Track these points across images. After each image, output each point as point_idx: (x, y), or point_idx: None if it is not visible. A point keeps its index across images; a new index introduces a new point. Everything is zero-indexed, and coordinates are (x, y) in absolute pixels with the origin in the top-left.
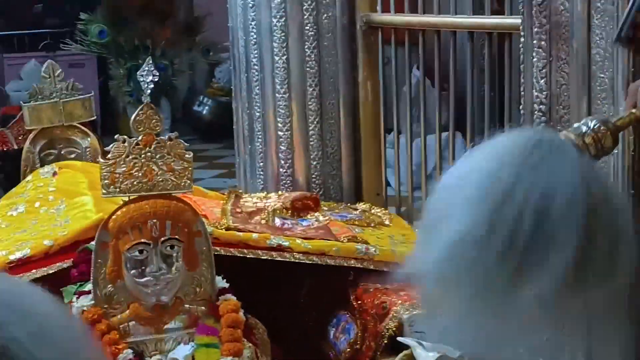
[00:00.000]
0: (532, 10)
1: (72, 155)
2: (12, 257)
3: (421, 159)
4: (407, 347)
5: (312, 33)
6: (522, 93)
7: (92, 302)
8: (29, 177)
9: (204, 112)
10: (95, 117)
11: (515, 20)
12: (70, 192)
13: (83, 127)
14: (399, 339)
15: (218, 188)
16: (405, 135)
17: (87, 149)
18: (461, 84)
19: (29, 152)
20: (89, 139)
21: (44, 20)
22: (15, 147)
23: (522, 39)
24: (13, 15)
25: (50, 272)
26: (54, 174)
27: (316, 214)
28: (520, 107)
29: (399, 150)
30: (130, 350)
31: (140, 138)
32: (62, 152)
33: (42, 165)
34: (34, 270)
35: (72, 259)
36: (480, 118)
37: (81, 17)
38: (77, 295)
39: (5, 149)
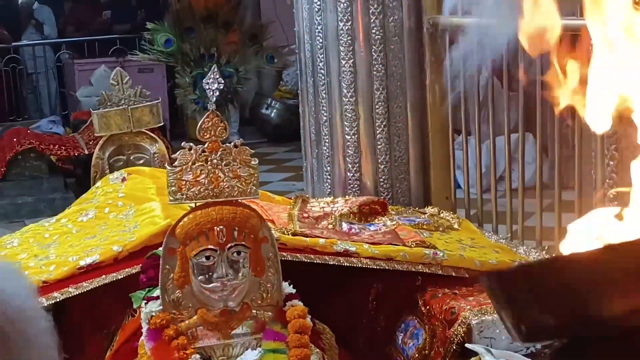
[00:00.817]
0: None
1: (141, 161)
2: (82, 263)
3: (490, 161)
4: (476, 353)
5: (379, 36)
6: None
7: (161, 307)
8: (98, 183)
9: (272, 114)
10: (163, 123)
11: (581, 21)
12: (138, 198)
13: (151, 133)
14: (468, 345)
15: (286, 191)
16: (474, 137)
17: (155, 155)
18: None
19: (98, 158)
20: (157, 144)
21: (112, 27)
22: (86, 152)
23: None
24: (83, 22)
25: (119, 277)
26: (123, 179)
27: (384, 218)
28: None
29: (467, 152)
30: (198, 356)
31: (206, 145)
32: (131, 158)
33: (111, 171)
34: (103, 276)
35: (140, 265)
36: (550, 119)
37: (147, 27)
38: (145, 301)
39: (76, 154)
